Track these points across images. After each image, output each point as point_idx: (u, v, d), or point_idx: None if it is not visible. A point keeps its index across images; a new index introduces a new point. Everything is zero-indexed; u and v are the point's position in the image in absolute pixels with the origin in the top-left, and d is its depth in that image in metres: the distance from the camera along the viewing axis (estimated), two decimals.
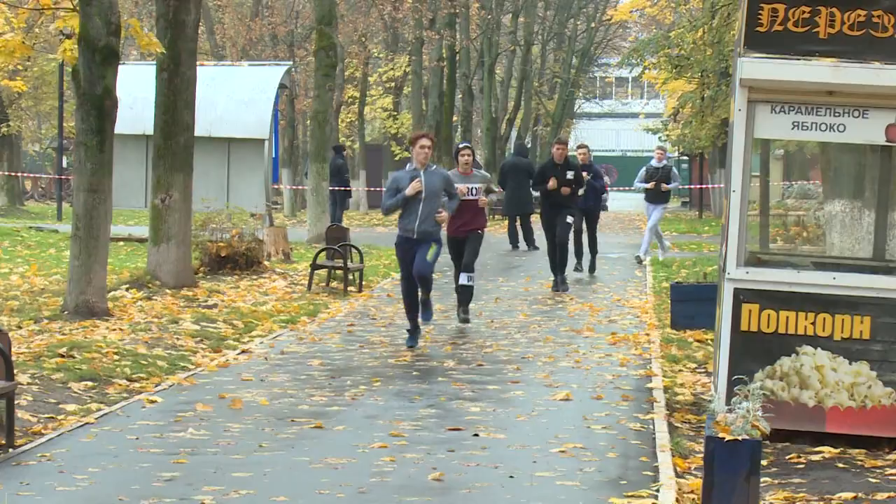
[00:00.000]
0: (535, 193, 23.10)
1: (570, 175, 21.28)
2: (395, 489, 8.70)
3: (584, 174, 22.58)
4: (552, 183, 21.06)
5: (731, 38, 25.55)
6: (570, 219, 21.47)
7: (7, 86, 40.05)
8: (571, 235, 22.42)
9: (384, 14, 52.06)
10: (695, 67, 32.50)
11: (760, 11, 10.25)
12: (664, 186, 26.60)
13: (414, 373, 13.40)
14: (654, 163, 26.92)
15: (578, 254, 24.11)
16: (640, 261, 26.93)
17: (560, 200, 21.17)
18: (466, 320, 17.05)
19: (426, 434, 10.50)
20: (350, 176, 40.16)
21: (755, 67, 10.21)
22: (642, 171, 26.92)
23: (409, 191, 14.98)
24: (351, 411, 11.47)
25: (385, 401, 12.03)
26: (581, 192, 22.06)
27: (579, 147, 25.09)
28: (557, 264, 21.29)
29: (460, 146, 17.84)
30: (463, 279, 17.14)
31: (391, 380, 13.03)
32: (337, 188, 34.47)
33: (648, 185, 26.62)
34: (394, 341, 15.75)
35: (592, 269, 24.59)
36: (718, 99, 34.98)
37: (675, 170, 27.79)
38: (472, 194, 17.15)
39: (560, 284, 21.31)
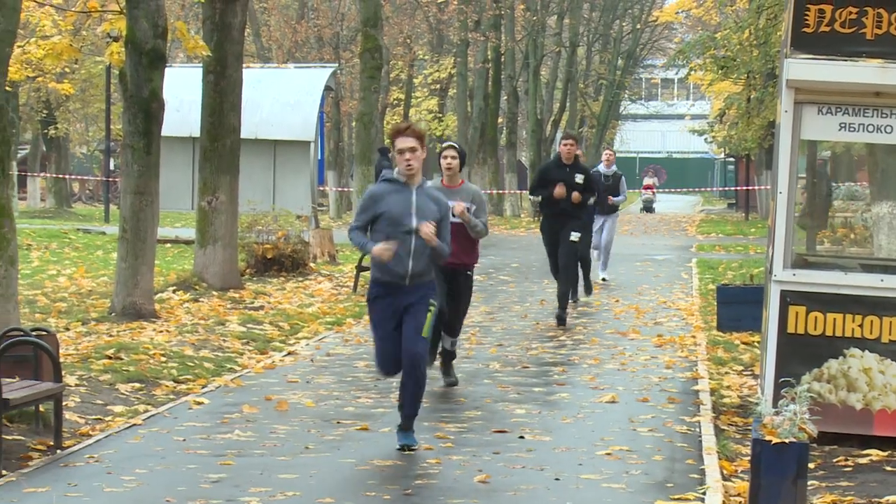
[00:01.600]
0: (533, 198, 19.86)
1: (578, 179, 17.43)
2: (440, 491, 8.71)
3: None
4: (559, 190, 17.17)
5: (777, 38, 25.44)
6: (574, 236, 17.35)
7: (55, 88, 40.39)
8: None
9: (429, 16, 52.15)
10: (741, 69, 32.46)
11: (807, 12, 10.21)
12: (610, 199, 22.45)
13: (459, 375, 13.34)
14: (602, 168, 22.75)
15: (573, 280, 18.71)
16: (604, 280, 23.16)
17: (566, 209, 17.35)
18: (453, 383, 13.02)
19: (472, 436, 10.51)
20: None
21: (802, 68, 10.16)
22: None
23: (383, 256, 9.99)
24: (396, 413, 11.45)
25: (430, 403, 12.02)
26: (591, 200, 18.31)
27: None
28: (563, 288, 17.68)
29: (444, 146, 12.98)
30: (447, 344, 13.03)
31: (436, 382, 13.01)
32: None
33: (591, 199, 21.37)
34: None
35: (588, 289, 20.90)
36: (765, 100, 34.91)
37: (624, 179, 23.12)
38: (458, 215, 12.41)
39: (562, 311, 17.57)
